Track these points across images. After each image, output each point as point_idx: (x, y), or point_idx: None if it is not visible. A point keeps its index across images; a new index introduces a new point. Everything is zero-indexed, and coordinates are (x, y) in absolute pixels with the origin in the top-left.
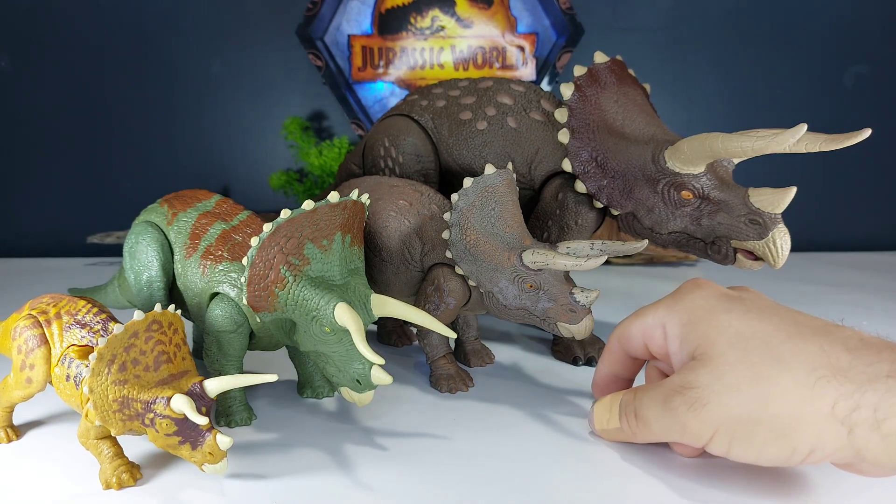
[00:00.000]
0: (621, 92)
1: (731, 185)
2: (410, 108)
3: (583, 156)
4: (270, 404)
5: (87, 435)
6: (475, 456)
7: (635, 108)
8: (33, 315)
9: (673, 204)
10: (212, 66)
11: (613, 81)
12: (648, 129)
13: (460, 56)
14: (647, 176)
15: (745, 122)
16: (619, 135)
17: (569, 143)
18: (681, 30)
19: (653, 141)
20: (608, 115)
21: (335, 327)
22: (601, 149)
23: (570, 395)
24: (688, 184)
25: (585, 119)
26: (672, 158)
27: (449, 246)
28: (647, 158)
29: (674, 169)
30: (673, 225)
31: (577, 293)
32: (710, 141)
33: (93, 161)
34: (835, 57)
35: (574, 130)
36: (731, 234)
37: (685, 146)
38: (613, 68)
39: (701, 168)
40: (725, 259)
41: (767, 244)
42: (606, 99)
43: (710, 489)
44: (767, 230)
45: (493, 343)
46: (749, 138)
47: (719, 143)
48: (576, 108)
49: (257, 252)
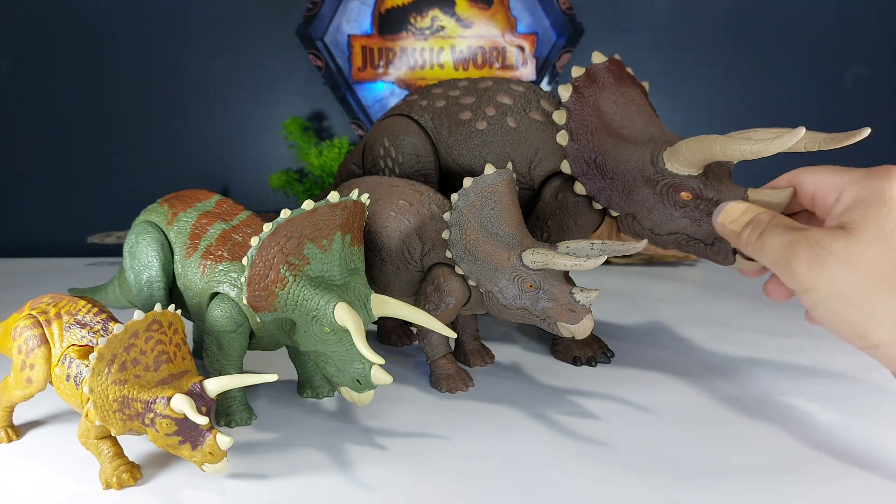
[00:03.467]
0: (619, 92)
1: (730, 185)
2: (410, 108)
3: (581, 158)
4: (270, 404)
5: (88, 435)
6: (475, 456)
7: (634, 109)
8: (33, 315)
9: (672, 205)
10: (212, 67)
11: (611, 82)
12: (647, 129)
13: (460, 56)
14: (646, 177)
15: (744, 122)
16: (617, 136)
17: (567, 144)
18: (680, 30)
19: (651, 142)
20: (606, 116)
21: (335, 327)
22: (600, 150)
23: (570, 395)
24: (686, 185)
25: (584, 121)
26: (671, 160)
27: (449, 246)
28: (646, 160)
29: (672, 170)
30: (672, 226)
31: (577, 293)
32: (709, 143)
33: (93, 161)
34: (834, 57)
35: (572, 132)
36: None
37: (684, 148)
38: (611, 68)
39: (700, 169)
40: (725, 260)
41: None
42: (605, 100)
43: (710, 489)
44: None
45: (493, 343)
46: (747, 141)
47: (717, 145)
48: (574, 109)
49: (257, 252)
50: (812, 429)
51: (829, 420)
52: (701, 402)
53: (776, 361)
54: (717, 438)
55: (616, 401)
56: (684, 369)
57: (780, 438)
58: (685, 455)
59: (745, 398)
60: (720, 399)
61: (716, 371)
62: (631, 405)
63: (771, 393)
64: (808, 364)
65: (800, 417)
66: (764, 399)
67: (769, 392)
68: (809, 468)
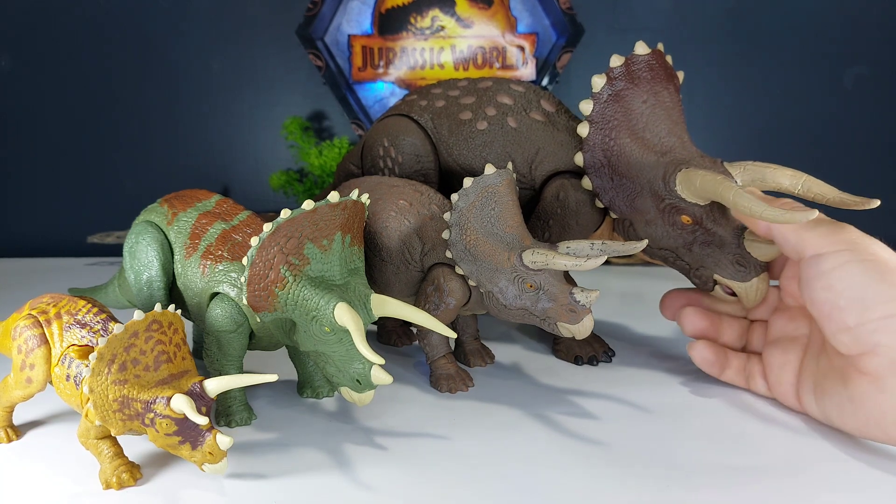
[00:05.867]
0: (652, 91)
1: (731, 221)
2: (409, 108)
3: (597, 151)
4: (270, 404)
5: (87, 435)
6: (475, 456)
7: (661, 112)
8: (33, 315)
9: (671, 224)
10: (212, 66)
11: (647, 78)
12: (669, 139)
13: (460, 56)
14: (654, 191)
15: (744, 121)
16: (638, 139)
17: (587, 136)
18: (681, 30)
19: (670, 154)
20: (633, 115)
21: (335, 327)
22: (617, 150)
23: (570, 395)
24: (690, 211)
25: (609, 115)
26: (682, 185)
27: (449, 246)
28: (659, 174)
29: (681, 194)
30: (665, 243)
31: (577, 293)
32: (723, 190)
33: (93, 161)
34: (835, 57)
35: (595, 124)
36: (716, 268)
37: (698, 182)
38: (651, 63)
39: (706, 201)
40: (704, 286)
41: (747, 288)
42: (635, 98)
43: (710, 489)
44: (750, 276)
45: (493, 343)
46: (760, 205)
47: (731, 196)
48: (602, 101)
49: (257, 252)
50: (811, 429)
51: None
52: (701, 402)
53: None
54: (716, 439)
55: (616, 401)
56: (683, 369)
57: (780, 438)
58: (685, 455)
59: (744, 398)
60: (720, 399)
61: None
62: (631, 405)
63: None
64: None
65: (799, 417)
66: (763, 399)
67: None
68: (809, 468)
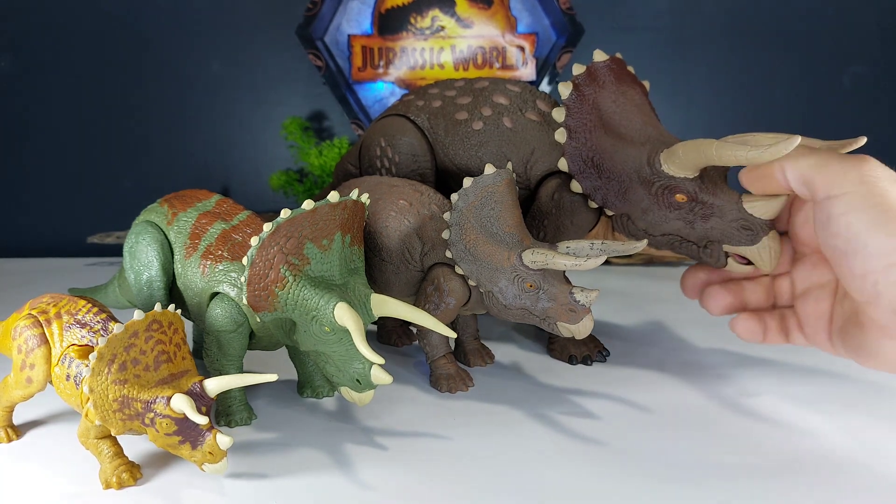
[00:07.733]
0: (619, 91)
1: (725, 189)
2: (406, 109)
3: (579, 155)
4: (270, 404)
5: (87, 434)
6: (475, 456)
7: (633, 108)
8: (33, 315)
9: (667, 206)
10: (212, 67)
11: (612, 80)
12: (645, 130)
13: (460, 56)
14: (642, 178)
15: (744, 121)
16: (615, 135)
17: (565, 142)
18: (681, 30)
19: (649, 143)
20: (605, 115)
21: (335, 327)
22: (597, 149)
23: (569, 395)
24: (682, 187)
25: (582, 119)
26: (667, 162)
27: (449, 246)
28: (643, 160)
29: (669, 172)
30: (666, 227)
31: (577, 293)
32: (705, 147)
33: (93, 161)
34: (834, 57)
35: (571, 130)
36: (723, 238)
37: (680, 151)
38: (612, 67)
39: (696, 172)
40: (717, 262)
41: (759, 250)
42: (604, 98)
43: (709, 489)
44: (759, 236)
45: (493, 343)
46: (743, 147)
47: (713, 150)
48: (573, 107)
49: (257, 252)
50: (810, 428)
51: (828, 420)
52: (699, 402)
53: (775, 361)
54: (715, 438)
55: (615, 401)
56: (683, 369)
57: (779, 438)
58: (684, 455)
59: (743, 398)
60: (718, 399)
61: (714, 371)
62: (630, 405)
63: (769, 393)
64: (806, 364)
65: (798, 417)
66: (762, 399)
67: (767, 392)
68: (808, 468)
